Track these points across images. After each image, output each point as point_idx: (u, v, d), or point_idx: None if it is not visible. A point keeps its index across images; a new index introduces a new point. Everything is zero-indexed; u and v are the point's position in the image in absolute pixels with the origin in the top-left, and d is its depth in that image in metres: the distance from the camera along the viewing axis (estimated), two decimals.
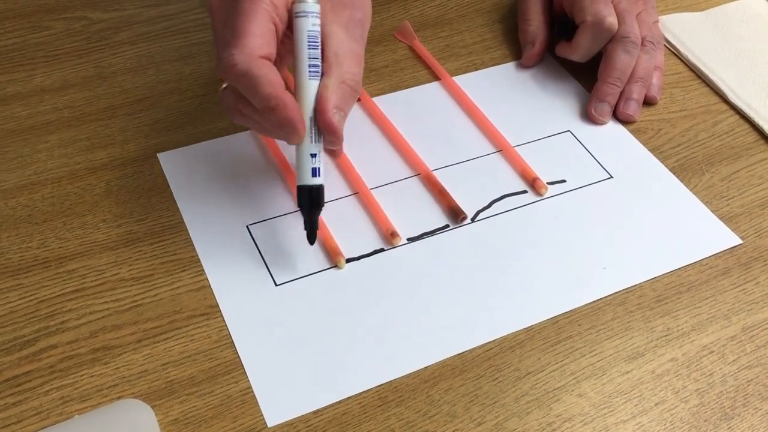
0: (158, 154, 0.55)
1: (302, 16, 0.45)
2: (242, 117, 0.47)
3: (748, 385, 0.44)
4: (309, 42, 0.45)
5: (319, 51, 0.46)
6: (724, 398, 0.44)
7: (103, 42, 0.64)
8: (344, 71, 0.46)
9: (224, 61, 0.43)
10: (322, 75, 0.46)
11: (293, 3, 0.45)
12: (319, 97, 0.45)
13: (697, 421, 0.43)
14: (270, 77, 0.43)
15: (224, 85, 0.47)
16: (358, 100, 0.60)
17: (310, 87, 0.45)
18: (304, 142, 0.46)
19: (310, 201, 0.47)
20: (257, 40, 0.43)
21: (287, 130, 0.45)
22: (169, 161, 0.55)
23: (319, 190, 0.47)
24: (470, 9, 0.69)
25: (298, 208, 0.48)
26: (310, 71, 0.45)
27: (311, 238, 0.48)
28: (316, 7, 0.45)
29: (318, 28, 0.45)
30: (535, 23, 0.64)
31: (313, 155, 0.46)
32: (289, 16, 0.45)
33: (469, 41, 0.66)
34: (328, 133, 0.46)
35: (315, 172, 0.46)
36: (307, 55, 0.45)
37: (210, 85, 0.61)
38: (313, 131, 0.46)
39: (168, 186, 0.53)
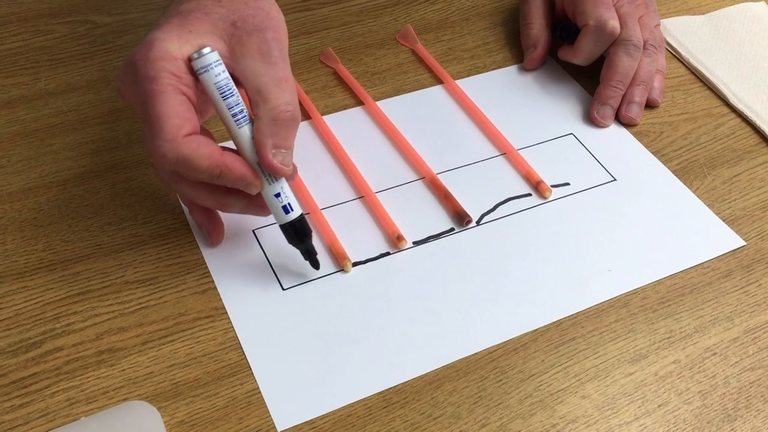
0: None
1: (204, 72, 0.43)
2: (178, 186, 0.46)
3: (751, 387, 0.45)
4: (222, 94, 0.43)
5: (237, 96, 0.44)
6: (726, 400, 0.44)
7: (108, 45, 0.65)
8: (272, 107, 0.43)
9: (154, 155, 0.42)
10: (251, 118, 0.44)
11: (191, 61, 0.43)
12: (256, 143, 0.44)
13: (700, 423, 0.43)
14: (201, 152, 0.42)
15: (152, 160, 0.46)
16: (361, 103, 0.60)
17: (243, 135, 0.44)
18: (264, 187, 0.45)
19: (297, 235, 0.47)
20: (174, 122, 0.41)
21: (242, 185, 0.44)
22: None
23: (300, 221, 0.47)
24: (472, 12, 0.70)
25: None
26: (236, 121, 0.44)
27: (315, 266, 0.48)
28: (214, 56, 0.43)
29: (225, 75, 0.43)
30: (537, 27, 0.64)
31: (277, 195, 0.46)
32: (191, 77, 0.43)
33: (471, 45, 0.66)
34: (274, 174, 0.45)
35: (287, 209, 0.46)
36: (226, 106, 0.43)
37: None
38: (266, 174, 0.45)
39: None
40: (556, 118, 0.61)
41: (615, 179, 0.56)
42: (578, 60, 0.62)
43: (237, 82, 0.44)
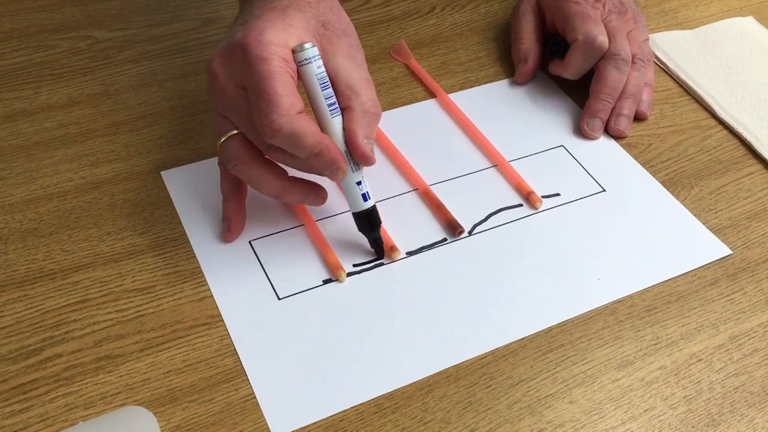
0: (162, 172, 0.56)
1: (307, 63, 0.47)
2: (244, 169, 0.49)
3: (735, 393, 0.46)
4: (321, 85, 0.47)
5: (331, 89, 0.48)
6: (711, 405, 0.45)
7: (108, 60, 0.66)
8: (363, 101, 0.48)
9: (268, 127, 0.45)
10: (343, 109, 0.48)
11: (294, 53, 0.47)
12: (348, 131, 0.48)
13: (685, 428, 0.44)
14: (311, 129, 0.46)
15: (224, 139, 0.49)
16: None
17: (335, 124, 0.48)
18: (348, 175, 0.49)
19: (370, 223, 0.50)
20: (289, 99, 0.45)
21: (332, 168, 0.47)
22: (173, 179, 0.56)
23: (373, 211, 0.50)
24: (465, 28, 0.71)
25: (359, 231, 0.51)
26: (330, 110, 0.48)
27: (380, 254, 0.52)
28: (315, 51, 0.47)
29: (323, 69, 0.47)
30: (528, 41, 0.66)
31: (359, 183, 0.49)
32: (295, 65, 0.47)
33: (464, 59, 0.68)
34: (363, 162, 0.49)
35: (366, 197, 0.50)
36: (323, 96, 0.47)
37: None
38: (351, 162, 0.49)
39: (171, 200, 0.55)
40: (547, 131, 0.62)
41: (604, 190, 0.58)
42: (568, 74, 0.64)
43: None
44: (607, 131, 0.62)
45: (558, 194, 0.57)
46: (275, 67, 0.45)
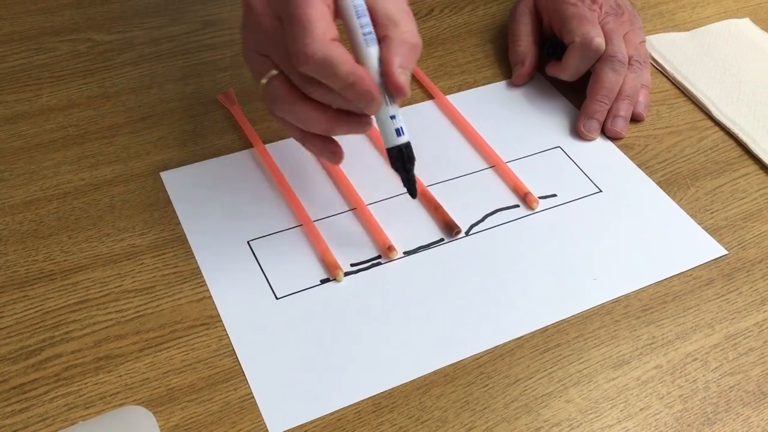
0: (161, 173, 0.57)
1: None
2: (288, 107, 0.48)
3: (730, 391, 0.46)
4: (357, 12, 0.46)
5: (368, 18, 0.46)
6: (706, 404, 0.45)
7: (108, 63, 0.66)
8: (402, 30, 0.47)
9: (301, 52, 0.44)
10: (380, 40, 0.47)
11: None
12: (384, 60, 0.46)
13: (680, 426, 0.44)
14: (345, 57, 0.44)
15: (265, 81, 0.48)
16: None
17: (371, 54, 0.46)
18: (382, 108, 0.47)
19: (403, 159, 0.49)
20: (323, 24, 0.44)
21: (366, 100, 0.46)
22: (172, 180, 0.56)
23: (408, 146, 0.48)
24: (463, 30, 0.72)
25: (392, 167, 0.50)
26: (366, 39, 0.46)
27: (413, 193, 0.50)
28: None
29: None
30: (525, 43, 0.66)
31: (393, 117, 0.48)
32: None
33: (462, 61, 0.68)
34: (397, 93, 0.47)
35: (399, 132, 0.48)
36: (359, 25, 0.46)
37: (210, 104, 0.63)
38: (386, 95, 0.47)
39: (170, 201, 0.55)
40: (544, 132, 0.62)
41: (601, 191, 0.58)
42: (565, 76, 0.64)
43: None
44: (604, 132, 0.62)
45: (555, 195, 0.57)
46: None
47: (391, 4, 0.47)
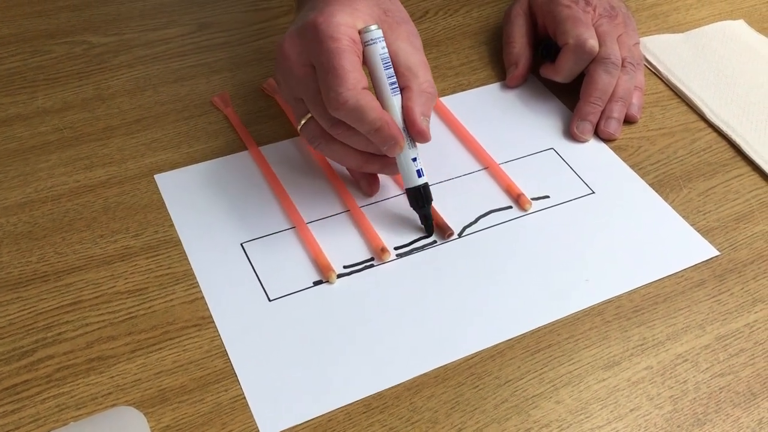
0: (155, 176, 0.57)
1: (372, 44, 0.50)
2: (327, 145, 0.52)
3: (720, 392, 0.46)
4: (384, 64, 0.51)
5: (392, 69, 0.51)
6: (697, 405, 0.45)
7: (103, 65, 0.67)
8: (421, 81, 0.51)
9: (334, 100, 0.48)
10: (402, 89, 0.51)
11: (360, 34, 0.50)
12: (406, 109, 0.51)
13: (670, 427, 0.44)
14: (373, 104, 0.49)
15: (303, 122, 0.53)
16: None
17: (395, 102, 0.51)
18: (404, 150, 0.51)
19: (421, 199, 0.53)
20: (355, 75, 0.48)
21: (391, 143, 0.50)
22: (166, 182, 0.57)
23: (425, 187, 0.53)
24: (458, 32, 0.72)
25: (410, 207, 0.54)
26: (391, 89, 0.51)
27: (429, 231, 0.54)
28: (380, 33, 0.51)
29: (386, 50, 0.51)
30: (519, 45, 0.66)
31: (414, 159, 0.52)
32: (362, 46, 0.50)
33: (456, 63, 0.68)
34: (419, 138, 0.52)
35: (420, 173, 0.52)
36: (386, 76, 0.51)
37: (205, 107, 0.63)
38: (408, 139, 0.51)
39: (164, 203, 0.55)
40: (537, 133, 0.63)
41: (593, 192, 0.58)
42: (559, 77, 0.64)
43: None
44: (597, 134, 0.62)
45: (547, 196, 0.58)
46: (344, 45, 0.48)
47: (412, 56, 0.52)
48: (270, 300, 0.50)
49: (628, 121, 0.63)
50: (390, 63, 0.51)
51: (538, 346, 0.48)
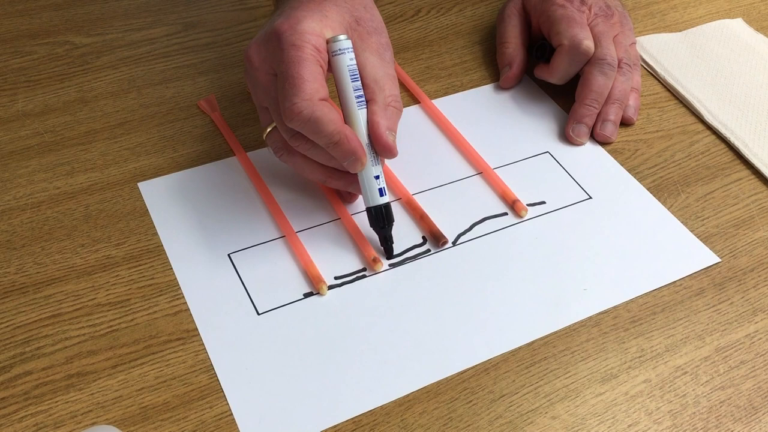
0: (138, 184, 0.55)
1: (340, 54, 0.48)
2: (289, 156, 0.51)
3: (721, 406, 0.45)
4: (351, 76, 0.49)
5: (360, 81, 0.49)
6: (696, 419, 0.44)
7: (86, 66, 0.65)
8: (387, 95, 0.50)
9: (288, 110, 0.46)
10: (367, 102, 0.49)
11: (328, 43, 0.48)
12: (371, 123, 0.49)
13: None
14: (331, 116, 0.46)
15: (269, 130, 0.51)
16: None
17: (360, 116, 0.49)
18: (367, 167, 0.49)
19: (383, 219, 0.51)
20: (313, 85, 0.46)
21: (351, 159, 0.48)
22: (150, 190, 0.55)
23: (387, 207, 0.51)
24: (450, 31, 0.70)
25: (370, 227, 0.51)
26: (357, 101, 0.49)
27: (389, 254, 0.51)
28: (349, 43, 0.49)
29: (354, 62, 0.49)
30: (513, 46, 0.65)
31: (377, 177, 0.50)
32: (327, 55, 0.48)
33: (448, 63, 0.67)
34: (385, 153, 0.50)
35: (381, 192, 0.50)
36: (352, 88, 0.49)
37: (191, 109, 0.61)
38: (372, 155, 0.49)
39: (147, 211, 0.53)
40: (532, 137, 0.61)
41: (590, 197, 0.57)
42: (554, 79, 0.63)
43: None
44: (593, 137, 0.61)
45: (543, 202, 0.56)
46: (306, 53, 0.46)
47: (380, 69, 0.50)
48: (259, 313, 0.48)
49: (625, 123, 0.62)
50: (357, 75, 0.49)
51: (533, 359, 0.46)
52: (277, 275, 0.50)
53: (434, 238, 0.53)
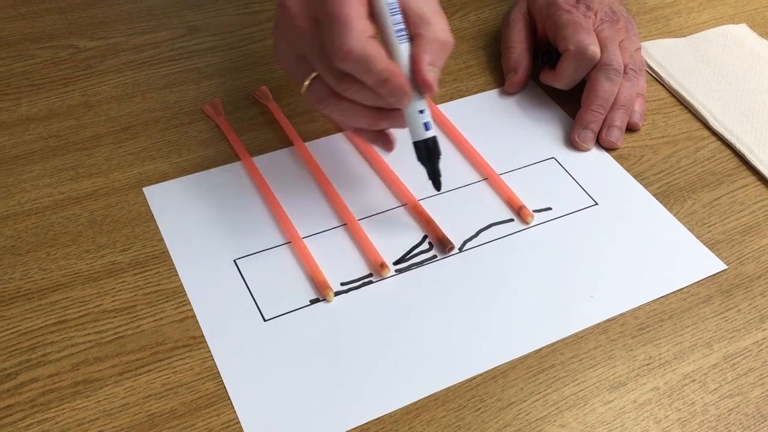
0: (144, 189, 0.55)
1: None
2: (336, 104, 0.50)
3: (729, 414, 0.45)
4: (391, 10, 0.48)
5: (401, 17, 0.48)
6: (705, 428, 0.44)
7: (90, 70, 0.65)
8: (434, 29, 0.48)
9: (339, 50, 0.45)
10: (412, 37, 0.48)
11: None
12: (415, 57, 0.48)
13: None
14: (380, 54, 0.46)
15: (308, 82, 0.49)
16: (341, 129, 0.60)
17: (402, 51, 0.48)
18: (412, 102, 0.49)
19: (429, 153, 0.50)
20: (362, 23, 0.45)
21: (398, 95, 0.47)
22: (155, 195, 0.55)
23: (434, 140, 0.50)
24: (455, 36, 0.69)
25: (418, 161, 0.51)
26: (398, 36, 0.48)
27: (437, 186, 0.52)
28: None
29: None
30: (518, 51, 0.64)
31: (421, 111, 0.49)
32: None
33: (453, 68, 0.67)
34: (425, 89, 0.49)
35: (427, 126, 0.50)
36: (392, 22, 0.48)
37: (195, 114, 0.61)
38: (415, 90, 0.48)
39: (152, 216, 0.53)
40: (538, 142, 0.61)
41: (596, 203, 0.57)
42: (559, 84, 0.62)
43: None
44: (599, 143, 0.61)
45: (550, 208, 0.56)
46: None
47: (423, 3, 0.49)
48: (265, 320, 0.48)
49: (630, 129, 0.62)
50: (397, 9, 0.48)
51: (541, 366, 0.46)
52: (283, 281, 0.50)
53: (441, 244, 0.53)
